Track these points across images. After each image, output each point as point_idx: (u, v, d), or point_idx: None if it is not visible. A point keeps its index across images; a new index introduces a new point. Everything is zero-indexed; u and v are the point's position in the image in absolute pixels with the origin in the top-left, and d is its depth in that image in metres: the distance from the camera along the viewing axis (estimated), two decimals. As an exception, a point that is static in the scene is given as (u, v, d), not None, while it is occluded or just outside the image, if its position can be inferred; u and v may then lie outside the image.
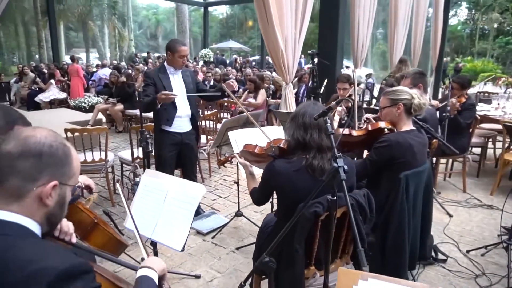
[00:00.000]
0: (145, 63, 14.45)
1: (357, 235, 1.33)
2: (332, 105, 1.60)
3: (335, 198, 1.50)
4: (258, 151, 2.07)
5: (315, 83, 5.10)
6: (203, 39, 20.86)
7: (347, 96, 3.94)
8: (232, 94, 3.06)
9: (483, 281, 2.64)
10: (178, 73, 3.27)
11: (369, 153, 2.33)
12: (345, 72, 4.72)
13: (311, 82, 5.41)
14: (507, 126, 4.19)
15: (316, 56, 5.33)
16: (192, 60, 17.07)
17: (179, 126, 3.25)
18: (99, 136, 3.79)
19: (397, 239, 2.15)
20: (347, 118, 3.56)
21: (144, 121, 6.33)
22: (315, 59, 5.29)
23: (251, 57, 20.02)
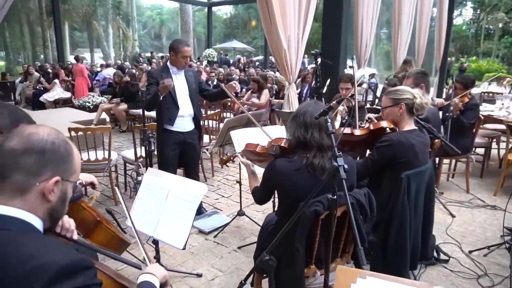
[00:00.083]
0: (149, 63, 14.51)
1: (356, 234, 1.33)
2: (333, 104, 1.60)
3: (335, 197, 1.50)
4: (260, 150, 2.08)
5: (318, 83, 5.10)
6: (206, 39, 20.91)
7: (349, 95, 3.94)
8: (232, 96, 3.07)
9: (486, 282, 2.63)
10: (181, 73, 3.28)
11: (370, 153, 2.33)
12: (348, 72, 4.72)
13: (314, 82, 5.41)
14: (511, 127, 4.17)
15: (319, 56, 5.33)
16: (196, 60, 17.12)
17: (181, 125, 3.27)
18: (102, 136, 3.81)
19: (398, 239, 2.15)
20: (348, 117, 3.56)
21: (148, 120, 6.41)
22: (318, 59, 5.30)
23: (254, 57, 20.02)
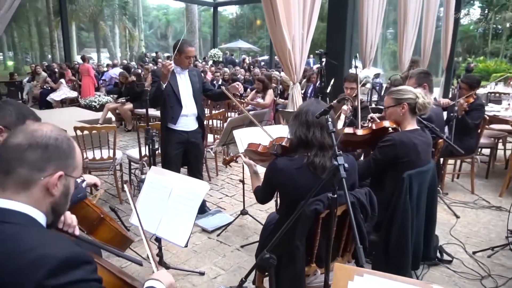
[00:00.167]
0: (155, 63, 14.59)
1: (356, 233, 1.34)
2: (333, 103, 1.61)
3: (335, 196, 1.51)
4: (261, 150, 2.09)
5: (323, 83, 5.10)
6: (212, 39, 20.97)
7: (354, 95, 3.93)
8: (232, 97, 3.08)
9: (489, 283, 2.61)
10: (185, 72, 3.31)
11: (373, 152, 2.33)
12: (353, 72, 4.71)
13: (319, 82, 5.41)
14: (517, 127, 4.14)
15: (324, 56, 5.33)
16: (202, 60, 17.18)
17: (185, 124, 3.29)
18: (107, 135, 3.85)
19: (400, 238, 2.14)
20: (352, 117, 3.56)
21: (152, 120, 6.45)
22: (323, 59, 5.30)
23: (260, 57, 20.04)
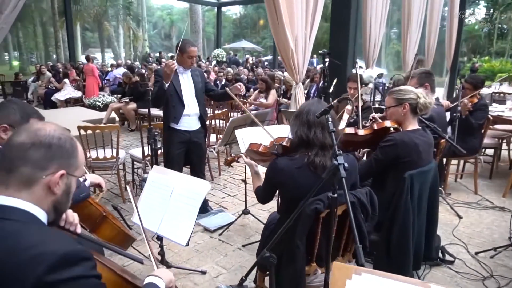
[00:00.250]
0: (158, 63, 14.64)
1: (355, 232, 1.34)
2: (333, 103, 1.61)
3: (335, 195, 1.51)
4: (262, 150, 2.10)
5: (326, 83, 5.10)
6: (216, 39, 21.00)
7: (359, 95, 3.92)
8: (235, 98, 3.09)
9: (491, 284, 2.60)
10: (188, 72, 3.32)
11: (374, 152, 2.33)
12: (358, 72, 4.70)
13: (322, 82, 5.41)
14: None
15: (327, 56, 5.32)
16: (205, 60, 17.21)
17: (187, 124, 3.31)
18: (110, 134, 3.87)
19: (401, 238, 2.14)
20: (356, 117, 3.55)
21: (156, 119, 6.48)
22: (326, 59, 5.30)
23: (263, 57, 20.04)
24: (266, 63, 16.83)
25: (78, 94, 10.03)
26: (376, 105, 6.20)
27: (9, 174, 1.01)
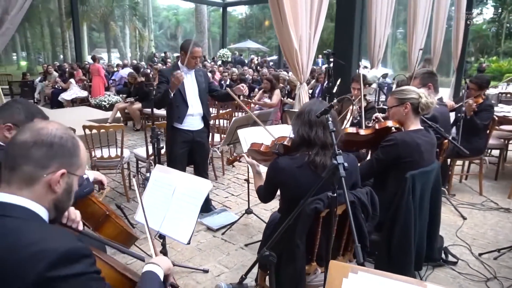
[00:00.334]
0: (164, 63, 14.71)
1: (354, 231, 1.35)
2: (333, 103, 1.62)
3: (335, 195, 1.52)
4: (264, 149, 2.11)
5: (330, 83, 5.09)
6: (221, 39, 21.05)
7: (362, 96, 3.91)
8: (237, 98, 3.11)
9: (494, 285, 2.59)
10: (191, 72, 3.34)
11: (375, 152, 2.33)
12: (361, 72, 4.69)
13: (326, 82, 5.40)
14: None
15: (332, 56, 5.32)
16: (211, 60, 17.26)
17: (190, 124, 3.33)
18: (115, 134, 3.91)
19: (402, 238, 2.14)
20: (360, 117, 3.55)
21: (160, 119, 6.51)
22: (331, 59, 5.29)
23: (269, 57, 20.05)
24: (271, 63, 16.83)
25: (84, 94, 10.11)
26: (381, 105, 6.17)
27: (11, 172, 1.03)
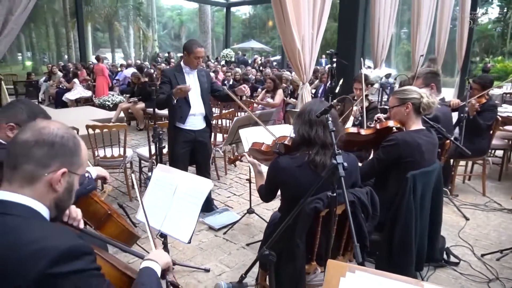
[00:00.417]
0: (167, 63, 14.75)
1: (353, 230, 1.35)
2: (333, 103, 1.62)
3: (334, 194, 1.52)
4: (265, 149, 2.11)
5: (333, 83, 5.10)
6: (224, 39, 21.09)
7: (364, 96, 3.91)
8: (237, 99, 3.12)
9: (496, 286, 2.58)
10: (194, 72, 3.36)
11: (376, 152, 2.33)
12: (364, 72, 4.68)
13: (329, 82, 5.41)
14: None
15: (335, 56, 5.32)
16: (214, 60, 17.30)
17: (192, 123, 3.34)
18: (118, 133, 3.93)
19: (403, 238, 2.14)
20: (361, 118, 3.55)
21: (163, 119, 6.53)
22: (334, 59, 5.30)
23: (272, 57, 20.06)
24: (274, 63, 16.85)
25: (88, 93, 10.17)
26: (384, 106, 6.16)
27: (13, 171, 1.04)
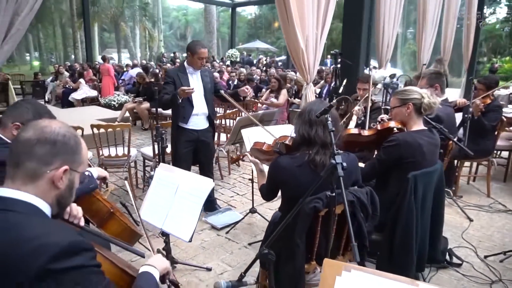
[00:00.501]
0: (173, 63, 14.82)
1: (351, 230, 1.36)
2: (333, 103, 1.63)
3: (333, 194, 1.53)
4: (266, 149, 2.13)
5: (337, 83, 5.09)
6: (230, 40, 21.13)
7: (366, 96, 3.90)
8: (233, 101, 3.14)
9: (499, 288, 2.57)
10: (197, 73, 3.38)
11: (378, 153, 2.33)
12: (367, 73, 4.67)
13: (334, 82, 5.40)
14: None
15: (339, 56, 5.31)
16: (219, 60, 17.34)
17: (195, 123, 3.36)
18: (122, 133, 3.96)
19: (404, 239, 2.13)
20: (364, 118, 3.54)
21: (168, 118, 6.56)
22: (338, 59, 5.28)
23: (277, 57, 20.05)
24: (280, 63, 16.84)
25: (94, 93, 10.25)
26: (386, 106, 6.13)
27: (15, 169, 1.07)
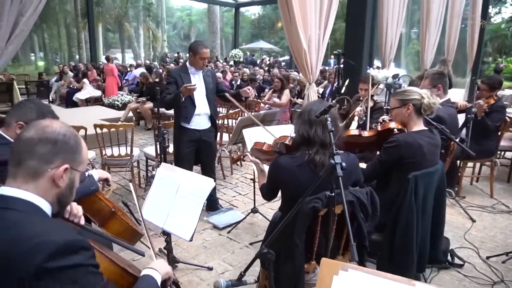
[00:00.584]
0: (176, 63, 14.86)
1: (350, 229, 1.36)
2: (332, 103, 1.64)
3: (333, 194, 1.54)
4: (266, 148, 2.13)
5: (340, 83, 5.09)
6: (233, 40, 21.15)
7: (369, 96, 3.90)
8: (236, 102, 3.15)
9: (501, 289, 2.56)
10: (199, 73, 3.40)
11: (378, 154, 2.33)
12: (370, 73, 4.66)
13: (336, 82, 5.40)
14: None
15: (342, 57, 5.31)
16: (223, 60, 17.36)
17: (197, 123, 3.38)
18: (125, 132, 3.98)
19: (404, 239, 2.13)
20: (365, 118, 3.54)
21: (171, 118, 6.59)
22: (342, 59, 5.28)
23: (281, 58, 20.04)
24: (283, 63, 16.83)
25: (98, 93, 10.31)
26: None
27: (17, 168, 1.08)
